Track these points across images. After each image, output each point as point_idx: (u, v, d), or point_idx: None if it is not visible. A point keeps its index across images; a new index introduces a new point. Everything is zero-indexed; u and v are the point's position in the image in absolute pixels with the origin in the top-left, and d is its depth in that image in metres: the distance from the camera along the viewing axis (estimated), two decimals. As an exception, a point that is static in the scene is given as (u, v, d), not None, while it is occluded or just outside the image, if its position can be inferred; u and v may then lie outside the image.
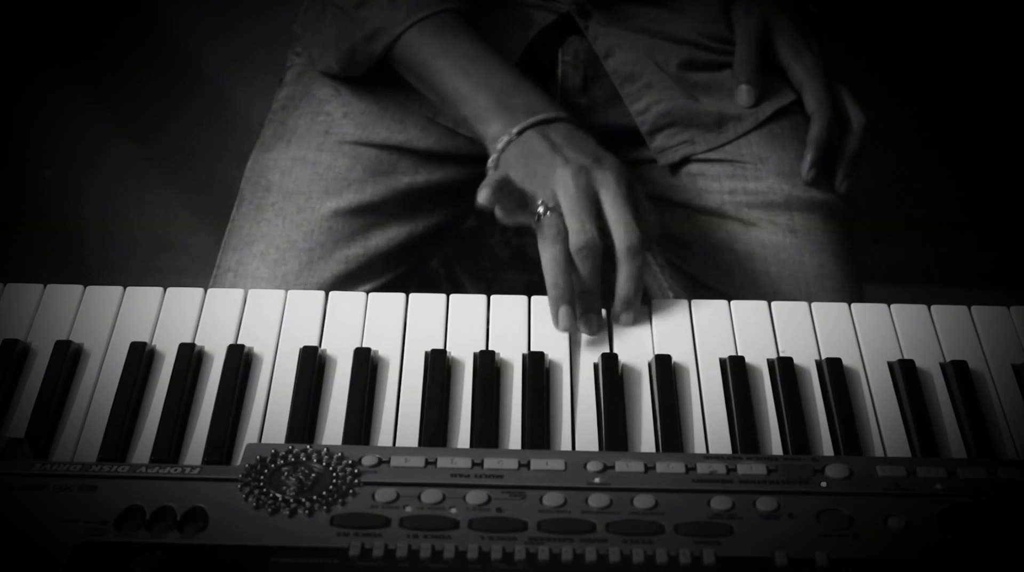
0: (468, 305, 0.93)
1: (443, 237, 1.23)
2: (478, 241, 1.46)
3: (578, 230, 0.91)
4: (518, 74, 1.06)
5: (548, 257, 0.91)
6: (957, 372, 0.88)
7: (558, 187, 0.93)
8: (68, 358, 0.87)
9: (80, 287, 0.93)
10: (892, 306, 0.94)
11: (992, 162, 1.92)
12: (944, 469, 0.76)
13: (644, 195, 0.97)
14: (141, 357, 0.87)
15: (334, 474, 0.74)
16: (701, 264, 1.16)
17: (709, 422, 0.85)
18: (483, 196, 0.92)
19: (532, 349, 0.90)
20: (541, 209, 0.93)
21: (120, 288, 0.93)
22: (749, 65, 1.19)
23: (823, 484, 0.75)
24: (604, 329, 0.92)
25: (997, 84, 1.86)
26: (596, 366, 0.89)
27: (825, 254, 1.12)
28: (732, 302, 0.94)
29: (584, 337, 0.91)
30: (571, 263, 0.91)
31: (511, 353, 0.89)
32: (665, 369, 0.87)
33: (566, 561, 0.70)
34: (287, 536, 0.71)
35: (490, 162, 1.00)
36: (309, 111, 1.17)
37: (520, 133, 0.99)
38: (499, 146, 1.00)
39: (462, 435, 0.84)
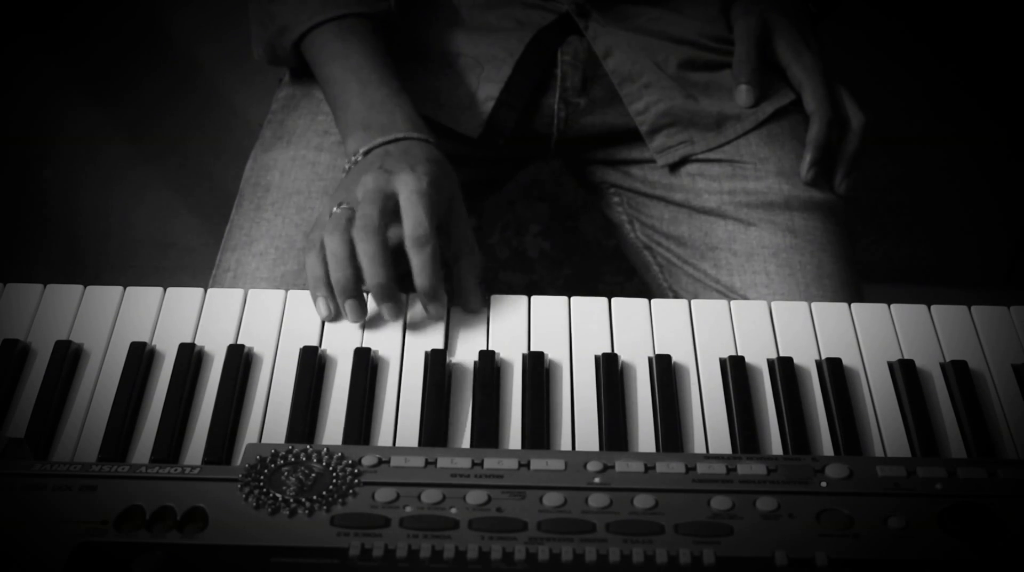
0: (468, 305, 0.93)
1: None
2: (477, 241, 1.45)
3: (359, 216, 0.91)
4: (395, 89, 1.05)
5: (328, 249, 0.91)
6: (957, 372, 0.88)
7: (358, 188, 0.94)
8: (68, 358, 0.87)
9: (80, 287, 0.93)
10: (892, 306, 0.94)
11: (992, 162, 1.92)
12: (944, 469, 0.76)
13: (463, 207, 0.99)
14: (141, 357, 0.87)
15: (334, 474, 0.74)
16: (701, 264, 1.15)
17: (709, 422, 0.85)
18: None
19: (532, 349, 0.90)
20: (335, 208, 0.93)
21: (120, 288, 0.93)
22: (748, 65, 1.19)
23: (823, 484, 0.75)
24: (400, 316, 0.91)
25: (997, 84, 1.86)
26: (596, 366, 0.89)
27: (825, 254, 1.12)
28: (732, 302, 0.94)
29: (584, 338, 0.91)
30: (354, 254, 0.91)
31: (511, 353, 0.89)
32: (665, 369, 0.87)
33: (566, 561, 0.70)
34: (287, 536, 0.71)
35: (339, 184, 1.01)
36: (309, 111, 1.17)
37: (367, 153, 0.99)
38: (346, 166, 1.00)
39: (462, 435, 0.84)
